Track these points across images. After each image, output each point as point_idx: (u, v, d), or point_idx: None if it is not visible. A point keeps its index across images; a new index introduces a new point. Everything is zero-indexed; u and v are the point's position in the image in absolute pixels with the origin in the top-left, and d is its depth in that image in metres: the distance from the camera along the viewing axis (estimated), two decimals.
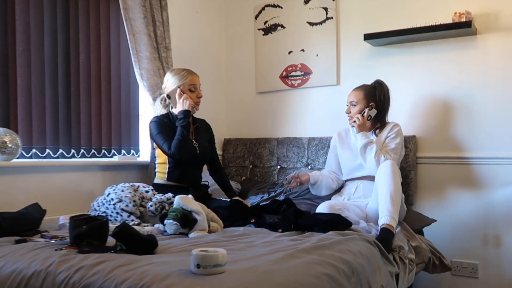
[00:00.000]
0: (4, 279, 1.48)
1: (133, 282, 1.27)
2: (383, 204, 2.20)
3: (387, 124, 2.63)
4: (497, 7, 2.69)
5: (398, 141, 2.54)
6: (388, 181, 2.24)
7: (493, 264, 2.73)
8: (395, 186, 2.23)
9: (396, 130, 2.57)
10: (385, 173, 2.27)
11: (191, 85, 2.58)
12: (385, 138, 2.56)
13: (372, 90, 2.60)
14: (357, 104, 2.58)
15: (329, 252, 1.60)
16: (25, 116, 2.38)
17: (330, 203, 2.40)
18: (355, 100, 2.59)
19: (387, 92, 2.62)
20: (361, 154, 2.48)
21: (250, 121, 3.55)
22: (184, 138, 2.48)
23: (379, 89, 2.60)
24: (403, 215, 2.50)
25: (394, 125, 2.60)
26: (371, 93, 2.59)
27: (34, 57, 2.41)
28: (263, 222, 2.17)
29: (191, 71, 2.63)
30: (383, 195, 2.22)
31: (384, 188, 2.23)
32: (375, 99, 2.59)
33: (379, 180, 2.29)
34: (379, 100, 2.58)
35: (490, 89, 2.72)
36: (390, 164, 2.29)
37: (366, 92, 2.59)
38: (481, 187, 2.75)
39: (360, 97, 2.58)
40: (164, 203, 2.21)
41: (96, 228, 1.71)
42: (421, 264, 2.25)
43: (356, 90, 2.63)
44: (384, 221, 2.13)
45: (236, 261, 1.45)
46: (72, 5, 2.58)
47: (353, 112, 2.60)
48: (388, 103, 2.62)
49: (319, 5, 3.24)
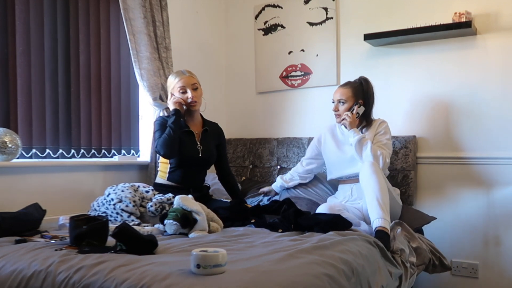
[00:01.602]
0: (4, 279, 1.48)
1: (133, 282, 1.27)
2: (372, 208, 2.19)
3: (373, 121, 2.63)
4: (497, 7, 2.69)
5: (388, 137, 2.54)
6: (372, 183, 2.23)
7: (493, 264, 2.73)
8: (380, 186, 2.22)
9: (385, 126, 2.58)
10: (367, 175, 2.26)
11: (180, 87, 2.55)
12: (375, 134, 2.56)
13: (359, 87, 2.60)
14: (346, 102, 2.57)
15: (329, 253, 1.60)
16: (25, 116, 2.38)
17: (329, 205, 2.39)
18: (344, 98, 2.58)
19: (372, 89, 2.63)
20: (356, 150, 2.46)
21: (250, 121, 3.55)
22: (170, 137, 2.44)
23: (365, 86, 2.60)
24: (399, 211, 2.50)
25: (382, 122, 2.60)
26: (359, 90, 2.59)
27: (34, 57, 2.41)
28: (263, 222, 2.17)
29: (180, 72, 2.59)
30: (369, 198, 2.22)
31: (369, 191, 2.23)
32: (362, 96, 2.59)
33: (363, 184, 2.29)
34: (366, 97, 2.59)
35: (490, 89, 2.72)
36: (370, 165, 2.28)
37: (354, 90, 2.58)
38: (481, 187, 2.75)
39: (348, 95, 2.58)
40: (164, 203, 2.21)
41: (96, 228, 1.72)
42: (421, 266, 2.25)
43: (344, 87, 2.61)
44: (376, 224, 2.12)
45: (236, 261, 1.45)
46: (72, 5, 2.58)
47: (341, 110, 2.59)
48: (373, 100, 2.63)
49: (319, 5, 3.24)
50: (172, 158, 2.51)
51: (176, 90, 2.57)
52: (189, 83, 2.56)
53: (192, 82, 2.57)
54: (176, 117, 2.49)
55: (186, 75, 2.58)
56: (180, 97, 2.56)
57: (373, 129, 2.58)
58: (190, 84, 2.56)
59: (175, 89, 2.57)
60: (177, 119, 2.49)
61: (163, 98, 2.90)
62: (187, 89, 2.55)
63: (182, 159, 2.51)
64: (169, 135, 2.44)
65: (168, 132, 2.46)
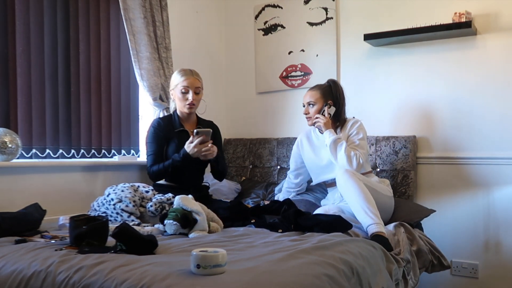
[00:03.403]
0: (4, 279, 1.48)
1: (133, 283, 1.27)
2: (360, 217, 2.17)
3: (346, 121, 2.63)
4: (497, 7, 2.69)
5: (361, 137, 2.53)
6: (350, 190, 2.21)
7: (493, 264, 2.73)
8: (359, 191, 2.19)
9: (357, 126, 2.57)
10: (343, 183, 2.25)
11: (183, 87, 2.55)
12: (348, 136, 2.56)
13: (327, 89, 2.61)
14: (315, 104, 2.59)
15: (329, 253, 1.60)
16: (25, 116, 2.38)
17: (324, 209, 2.38)
18: (313, 100, 2.59)
19: (341, 89, 2.64)
20: (331, 151, 2.45)
21: (250, 121, 3.55)
22: (167, 172, 2.49)
23: (334, 87, 2.62)
24: (390, 203, 2.47)
25: (354, 122, 2.60)
26: (327, 91, 2.60)
27: (34, 57, 2.41)
28: (263, 223, 2.17)
29: (187, 72, 2.58)
30: (354, 208, 2.20)
31: (351, 200, 2.21)
32: (331, 97, 2.60)
33: (343, 194, 2.28)
34: (335, 97, 2.60)
35: (490, 89, 2.72)
36: (343, 173, 2.27)
37: (322, 91, 2.60)
38: (481, 187, 2.75)
39: (317, 97, 2.59)
40: (164, 203, 2.20)
41: (96, 228, 1.71)
42: (422, 269, 2.24)
43: (312, 90, 2.63)
44: (371, 232, 2.10)
45: (236, 261, 1.45)
46: (72, 5, 2.58)
47: (311, 112, 2.60)
48: (343, 100, 2.63)
49: (319, 5, 3.24)
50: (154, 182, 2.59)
51: (178, 88, 2.56)
52: (193, 85, 2.56)
53: (196, 85, 2.57)
54: (185, 163, 2.46)
55: (193, 77, 2.57)
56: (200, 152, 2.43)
57: (346, 130, 2.59)
58: (194, 87, 2.57)
59: (178, 87, 2.57)
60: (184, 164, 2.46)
61: (163, 98, 2.90)
62: (190, 91, 2.56)
63: None
64: (166, 170, 2.49)
65: (169, 166, 2.47)
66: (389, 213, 2.46)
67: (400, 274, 1.94)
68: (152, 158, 2.54)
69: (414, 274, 2.09)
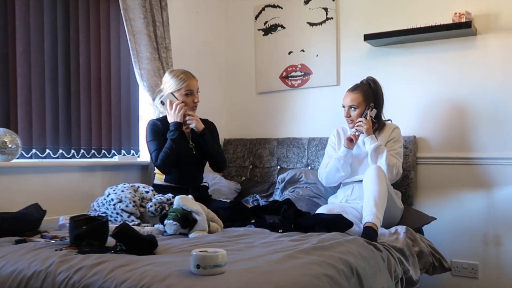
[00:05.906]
0: (4, 279, 1.48)
1: (133, 283, 1.27)
2: (367, 206, 2.20)
3: (385, 125, 2.62)
4: (497, 7, 2.69)
5: (401, 145, 2.56)
6: (373, 185, 2.24)
7: (493, 264, 2.73)
8: (380, 189, 2.22)
9: (398, 133, 2.59)
10: (371, 176, 2.27)
11: (188, 90, 2.52)
12: (387, 140, 2.56)
13: (369, 90, 2.58)
14: (357, 108, 2.55)
15: (329, 253, 1.60)
16: (25, 116, 2.38)
17: (328, 207, 2.40)
18: (355, 104, 2.55)
19: (381, 89, 2.62)
20: (372, 157, 2.46)
21: (250, 121, 3.55)
22: (172, 151, 2.44)
23: (374, 87, 2.60)
24: (399, 215, 2.50)
25: (396, 128, 2.61)
26: (369, 93, 2.57)
27: (34, 57, 2.41)
28: (263, 223, 2.17)
29: (189, 75, 2.56)
30: (367, 198, 2.23)
31: (369, 192, 2.24)
32: (372, 98, 2.58)
33: (365, 184, 2.30)
34: (376, 98, 2.58)
35: (490, 89, 2.72)
36: (375, 169, 2.29)
37: (365, 94, 2.56)
38: (481, 187, 2.75)
39: (359, 100, 2.54)
40: (164, 204, 2.21)
41: (96, 228, 1.72)
42: (422, 270, 2.25)
43: (354, 93, 2.57)
44: (367, 220, 2.13)
45: (236, 261, 1.45)
46: (72, 5, 2.58)
47: (353, 115, 2.57)
48: (383, 100, 2.63)
49: (319, 5, 3.24)
50: (169, 174, 2.53)
51: (182, 92, 2.52)
52: (195, 87, 2.57)
53: (197, 86, 2.58)
54: (179, 133, 2.47)
55: (194, 79, 2.56)
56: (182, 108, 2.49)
57: (386, 134, 2.58)
58: (196, 88, 2.57)
59: (181, 91, 2.52)
60: (180, 134, 2.47)
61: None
62: (194, 93, 2.56)
63: (176, 160, 2.51)
64: (171, 150, 2.44)
65: (169, 147, 2.44)
66: (394, 224, 2.46)
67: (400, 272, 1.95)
68: (156, 154, 2.50)
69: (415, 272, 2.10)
